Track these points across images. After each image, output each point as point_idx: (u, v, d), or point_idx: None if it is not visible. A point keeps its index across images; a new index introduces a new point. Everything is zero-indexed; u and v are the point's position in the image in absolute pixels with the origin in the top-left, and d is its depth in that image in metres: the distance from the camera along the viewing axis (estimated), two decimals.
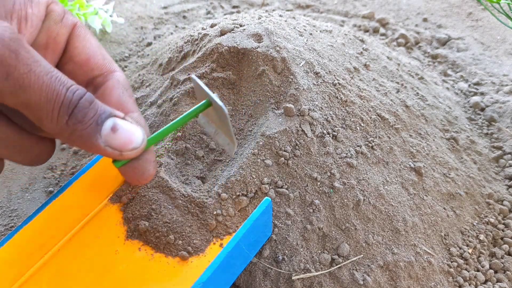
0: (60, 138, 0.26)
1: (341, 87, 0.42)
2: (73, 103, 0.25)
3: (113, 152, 0.26)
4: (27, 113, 0.25)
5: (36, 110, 0.24)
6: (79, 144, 0.26)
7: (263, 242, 0.36)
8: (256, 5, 0.75)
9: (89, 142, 0.26)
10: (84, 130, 0.26)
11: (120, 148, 0.26)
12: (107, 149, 0.26)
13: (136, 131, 0.27)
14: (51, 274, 0.36)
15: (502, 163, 0.49)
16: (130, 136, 0.27)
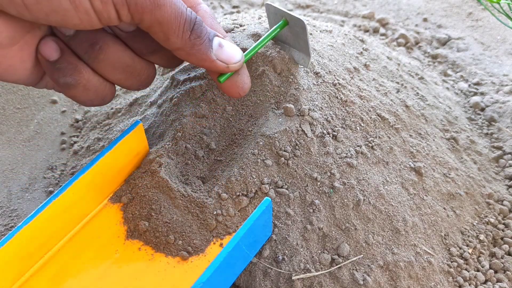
0: (181, 52, 0.31)
1: (341, 87, 0.42)
2: (192, 21, 0.30)
3: (221, 65, 0.32)
4: (158, 30, 0.29)
5: (166, 27, 0.29)
6: (196, 56, 0.31)
7: (263, 242, 0.36)
8: (256, 5, 0.75)
9: (204, 54, 0.31)
10: (202, 44, 0.31)
11: (227, 61, 0.32)
12: (217, 62, 0.32)
13: (236, 48, 0.33)
14: (51, 274, 0.36)
15: (502, 163, 0.49)
16: (233, 51, 0.32)
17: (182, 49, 0.30)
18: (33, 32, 0.30)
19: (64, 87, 0.31)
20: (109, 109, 0.52)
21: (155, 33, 0.30)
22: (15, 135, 0.53)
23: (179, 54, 0.31)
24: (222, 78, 0.33)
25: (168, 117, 0.42)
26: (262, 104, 0.41)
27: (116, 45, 0.32)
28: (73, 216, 0.38)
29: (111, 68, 0.32)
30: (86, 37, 0.30)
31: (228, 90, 0.34)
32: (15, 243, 0.33)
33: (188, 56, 0.31)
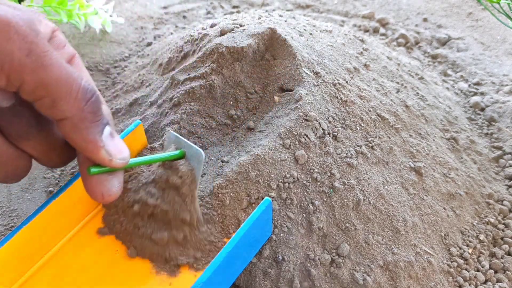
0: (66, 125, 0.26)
1: (341, 87, 0.42)
2: (90, 91, 0.26)
3: (105, 156, 0.28)
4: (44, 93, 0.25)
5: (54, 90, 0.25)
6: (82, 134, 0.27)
7: (263, 242, 0.36)
8: (256, 5, 0.75)
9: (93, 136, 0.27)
10: (94, 122, 0.27)
11: (113, 154, 0.28)
12: (102, 150, 0.27)
13: (125, 146, 0.29)
14: (51, 274, 0.36)
15: (502, 163, 0.49)
16: (123, 147, 0.29)
17: (70, 119, 0.26)
18: None
19: None
20: (109, 109, 0.52)
21: (39, 97, 0.25)
22: None
23: (64, 126, 0.26)
24: (94, 169, 0.28)
25: (166, 117, 0.42)
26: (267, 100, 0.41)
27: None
28: (73, 216, 0.38)
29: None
30: None
31: (92, 187, 0.29)
32: (15, 243, 0.33)
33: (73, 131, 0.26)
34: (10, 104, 0.26)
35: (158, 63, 0.52)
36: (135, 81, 0.53)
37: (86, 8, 0.61)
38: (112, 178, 0.30)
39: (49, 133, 0.29)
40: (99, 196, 0.29)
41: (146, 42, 0.66)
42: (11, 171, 0.29)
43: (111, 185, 0.30)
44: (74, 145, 0.28)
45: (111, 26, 0.66)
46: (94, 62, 0.63)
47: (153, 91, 0.48)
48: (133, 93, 0.51)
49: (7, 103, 0.26)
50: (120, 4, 0.75)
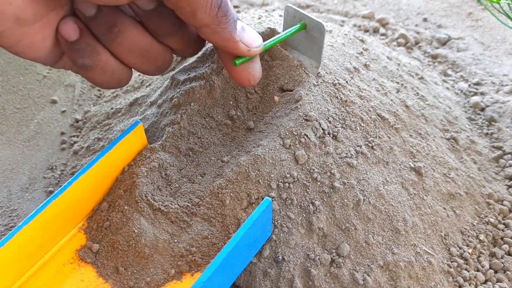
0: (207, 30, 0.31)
1: (341, 87, 0.42)
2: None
3: (243, 47, 0.32)
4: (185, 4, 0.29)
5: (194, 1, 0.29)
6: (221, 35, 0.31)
7: (263, 242, 0.36)
8: (256, 5, 0.75)
9: (229, 34, 0.31)
10: (227, 22, 0.31)
11: (249, 44, 0.32)
12: (240, 43, 0.32)
13: (257, 34, 0.33)
14: (51, 274, 0.36)
15: (502, 163, 0.49)
16: (255, 36, 0.33)
17: (208, 26, 0.30)
18: (56, 11, 0.30)
19: (81, 68, 0.32)
20: (109, 109, 0.52)
21: (181, 7, 0.29)
22: (15, 135, 0.53)
23: (204, 31, 0.31)
24: (238, 60, 0.33)
25: (166, 117, 0.42)
26: None
27: (135, 29, 0.32)
28: (73, 216, 0.38)
29: (128, 52, 0.32)
30: (106, 19, 0.30)
31: (240, 75, 0.34)
32: (15, 243, 0.33)
33: (213, 35, 0.31)
34: (154, 6, 0.31)
35: None
36: (135, 81, 0.53)
37: None
38: (253, 64, 0.34)
39: (187, 29, 0.34)
40: (247, 81, 0.35)
41: None
42: (160, 64, 0.34)
43: (254, 70, 0.34)
44: (215, 45, 0.32)
45: None
46: None
47: (153, 91, 0.48)
48: (133, 93, 0.51)
49: (152, 5, 0.31)
50: None
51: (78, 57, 0.31)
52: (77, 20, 0.30)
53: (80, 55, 0.31)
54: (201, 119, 0.42)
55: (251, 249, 0.35)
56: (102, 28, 0.31)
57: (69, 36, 0.30)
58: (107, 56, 0.32)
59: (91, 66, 0.31)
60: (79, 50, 0.31)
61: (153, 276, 0.35)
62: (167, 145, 0.40)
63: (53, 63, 0.33)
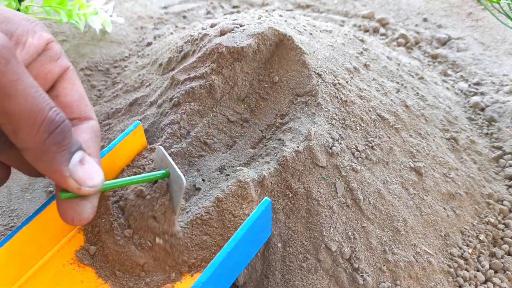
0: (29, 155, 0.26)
1: (341, 87, 0.42)
2: (55, 123, 0.25)
3: (73, 184, 0.27)
4: (5, 122, 0.24)
5: (16, 121, 0.24)
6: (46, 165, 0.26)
7: (263, 242, 0.36)
8: (256, 5, 0.75)
9: (57, 166, 0.26)
10: (58, 153, 0.26)
11: (81, 182, 0.27)
12: (69, 179, 0.27)
13: (99, 172, 0.28)
14: (51, 274, 0.36)
15: (502, 163, 0.49)
16: (94, 173, 0.28)
17: (31, 150, 0.26)
18: None
19: None
20: (109, 109, 0.52)
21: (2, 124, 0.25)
22: None
23: (27, 155, 0.26)
24: (64, 194, 0.28)
25: (166, 117, 0.42)
26: None
27: None
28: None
29: None
30: None
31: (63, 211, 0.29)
32: (15, 243, 0.33)
33: (36, 161, 0.26)
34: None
35: (158, 63, 0.52)
36: (135, 81, 0.53)
37: (86, 8, 0.61)
38: (84, 202, 0.29)
39: None
40: (70, 220, 0.29)
41: (146, 42, 0.66)
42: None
43: (82, 210, 0.29)
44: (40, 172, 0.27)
45: (111, 26, 0.66)
46: (94, 62, 0.63)
47: (153, 91, 0.48)
48: (133, 93, 0.51)
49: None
50: (120, 4, 0.75)
51: None
52: None
53: None
54: (201, 119, 0.42)
55: (251, 249, 0.35)
56: None
57: None
58: None
59: None
60: None
61: (152, 277, 0.35)
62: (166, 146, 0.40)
63: None
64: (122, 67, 0.61)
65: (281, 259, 0.36)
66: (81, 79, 0.60)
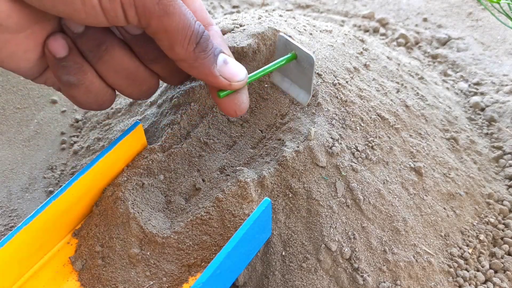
0: (184, 64, 0.31)
1: (341, 87, 0.42)
2: (199, 34, 0.30)
3: (224, 81, 0.31)
4: (164, 37, 0.29)
5: (172, 35, 0.29)
6: (199, 70, 0.31)
7: (263, 242, 0.36)
8: (256, 5, 0.75)
9: (207, 69, 0.31)
10: (206, 58, 0.30)
11: (230, 78, 0.32)
12: (220, 77, 0.31)
13: (241, 67, 0.32)
14: (51, 274, 0.36)
15: (502, 163, 0.49)
16: (238, 69, 0.32)
17: (185, 61, 0.30)
18: (41, 24, 0.29)
19: (66, 85, 0.31)
20: (109, 109, 0.52)
21: (160, 40, 0.29)
22: (15, 135, 0.53)
23: (182, 65, 0.31)
24: (222, 93, 0.33)
25: (166, 117, 0.42)
26: None
27: (122, 49, 0.32)
28: (73, 216, 0.38)
29: (114, 72, 0.32)
30: (94, 36, 0.30)
31: (225, 106, 0.34)
32: (15, 243, 0.33)
33: (191, 69, 0.31)
34: (141, 32, 0.31)
35: None
36: None
37: None
38: (238, 96, 0.33)
39: None
40: (233, 112, 0.34)
41: None
42: (145, 89, 0.34)
43: (240, 101, 0.33)
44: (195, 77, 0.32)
45: None
46: None
47: None
48: None
49: (139, 31, 0.31)
50: None
51: (63, 73, 0.31)
52: (66, 37, 0.30)
53: (66, 72, 0.31)
54: (201, 119, 0.42)
55: (251, 250, 0.35)
56: (89, 45, 0.30)
57: (57, 52, 0.30)
58: (93, 76, 0.32)
59: (75, 84, 0.31)
60: (65, 67, 0.30)
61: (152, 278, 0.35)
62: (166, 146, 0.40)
63: (35, 77, 0.32)
64: None
65: (281, 259, 0.36)
66: None
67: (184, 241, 0.36)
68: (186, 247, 0.35)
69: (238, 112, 0.34)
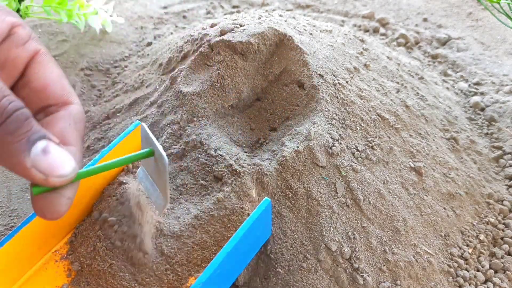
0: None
1: (341, 87, 0.42)
2: (7, 112, 0.24)
3: (38, 175, 0.25)
4: None
5: None
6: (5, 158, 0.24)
7: (263, 242, 0.36)
8: (256, 5, 0.75)
9: (15, 158, 0.24)
10: (13, 144, 0.24)
11: (48, 172, 0.25)
12: (32, 170, 0.24)
13: (69, 160, 0.26)
14: (51, 274, 0.36)
15: (502, 163, 0.49)
16: (61, 162, 0.25)
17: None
18: None
19: None
20: (109, 109, 0.52)
21: None
22: None
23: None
24: (36, 189, 0.26)
25: (165, 117, 0.42)
26: None
27: None
28: (73, 216, 0.38)
29: None
30: None
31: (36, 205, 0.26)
32: (15, 243, 0.33)
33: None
34: None
35: (158, 63, 0.52)
36: (135, 81, 0.53)
37: (86, 8, 0.61)
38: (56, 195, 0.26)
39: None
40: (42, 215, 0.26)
41: (146, 42, 0.66)
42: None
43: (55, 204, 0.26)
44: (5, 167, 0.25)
45: (111, 26, 0.66)
46: (94, 62, 0.63)
47: (153, 91, 0.48)
48: (133, 93, 0.51)
49: None
50: (120, 4, 0.75)
51: None
52: None
53: None
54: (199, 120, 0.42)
55: (251, 250, 0.35)
56: None
57: None
58: None
59: None
60: None
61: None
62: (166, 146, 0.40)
63: None
64: (122, 67, 0.61)
65: (281, 259, 0.36)
66: (81, 79, 0.60)
67: (184, 241, 0.36)
68: (186, 247, 0.35)
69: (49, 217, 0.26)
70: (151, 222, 0.36)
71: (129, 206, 0.35)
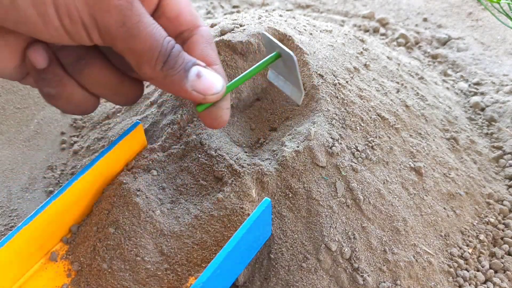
0: (154, 82, 0.30)
1: (341, 87, 0.42)
2: (167, 52, 0.29)
3: (198, 95, 0.30)
4: (131, 58, 0.28)
5: (139, 56, 0.28)
6: (170, 87, 0.30)
7: (263, 242, 0.36)
8: (256, 5, 0.75)
9: (178, 86, 0.29)
10: (175, 75, 0.29)
11: (204, 92, 0.30)
12: (193, 93, 0.30)
13: (217, 79, 0.30)
14: (51, 274, 0.36)
15: (502, 163, 0.49)
16: (213, 81, 0.30)
17: (154, 79, 0.29)
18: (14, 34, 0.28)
19: (46, 96, 0.31)
20: (109, 109, 0.52)
21: (127, 58, 0.29)
22: (15, 135, 0.53)
23: (153, 83, 0.30)
24: (200, 107, 0.31)
25: (165, 116, 0.42)
26: None
27: (102, 62, 0.31)
28: (73, 216, 0.38)
29: (96, 84, 0.31)
30: (74, 50, 0.30)
31: (204, 119, 0.32)
32: (15, 243, 0.33)
33: (162, 86, 0.30)
34: None
35: None
36: None
37: None
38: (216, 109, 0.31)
39: None
40: (212, 126, 0.32)
41: None
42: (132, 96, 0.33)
43: (218, 115, 0.32)
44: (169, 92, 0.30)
45: None
46: None
47: (153, 91, 0.48)
48: None
49: None
50: None
51: (43, 85, 0.30)
52: (47, 48, 0.29)
53: (45, 84, 0.30)
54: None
55: (251, 249, 0.35)
56: (69, 59, 0.30)
57: (37, 63, 0.29)
58: (73, 87, 0.31)
59: (55, 96, 0.31)
60: (45, 80, 0.30)
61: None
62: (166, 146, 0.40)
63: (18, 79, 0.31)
64: None
65: (281, 259, 0.36)
66: None
67: (184, 241, 0.36)
68: (186, 247, 0.35)
69: (217, 126, 0.32)
70: None
71: None
